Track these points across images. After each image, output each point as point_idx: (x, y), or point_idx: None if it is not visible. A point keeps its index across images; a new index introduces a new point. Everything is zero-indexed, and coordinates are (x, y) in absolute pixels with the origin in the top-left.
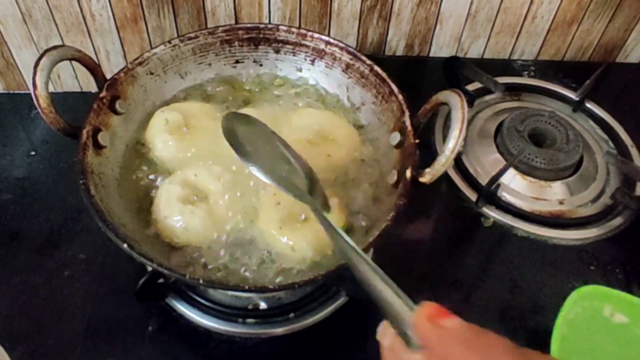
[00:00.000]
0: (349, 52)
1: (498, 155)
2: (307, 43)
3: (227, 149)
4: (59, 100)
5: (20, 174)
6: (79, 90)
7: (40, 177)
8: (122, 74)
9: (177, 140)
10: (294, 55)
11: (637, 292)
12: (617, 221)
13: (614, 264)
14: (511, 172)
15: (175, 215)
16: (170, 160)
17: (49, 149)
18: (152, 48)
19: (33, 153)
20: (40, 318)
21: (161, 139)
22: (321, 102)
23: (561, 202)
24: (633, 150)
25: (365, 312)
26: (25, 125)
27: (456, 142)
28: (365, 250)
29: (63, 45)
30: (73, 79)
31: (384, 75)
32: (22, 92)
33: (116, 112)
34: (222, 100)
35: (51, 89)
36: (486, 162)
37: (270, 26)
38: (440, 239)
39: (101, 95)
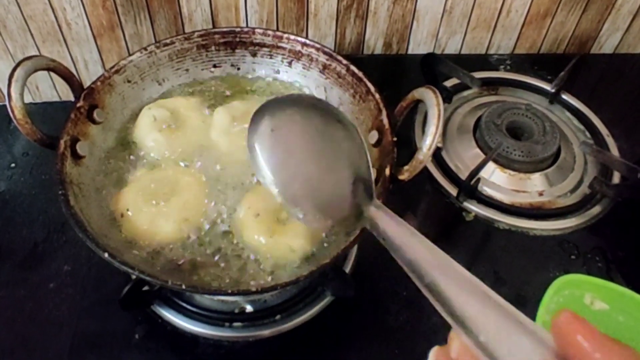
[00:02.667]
0: (325, 53)
1: (477, 150)
2: (284, 45)
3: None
4: (39, 110)
5: (1, 187)
6: (58, 99)
7: (21, 190)
8: (98, 83)
9: (166, 137)
10: (270, 58)
11: (617, 279)
12: (596, 210)
13: (593, 252)
14: (490, 165)
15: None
16: (160, 158)
17: (29, 161)
18: (128, 55)
19: (13, 165)
20: (26, 332)
21: (151, 138)
22: None
23: (541, 194)
24: (609, 139)
25: (351, 311)
26: (4, 137)
27: (433, 138)
28: (347, 248)
29: (37, 56)
30: (52, 89)
31: (360, 74)
32: None
33: (94, 122)
34: (207, 96)
35: (30, 100)
36: (466, 157)
37: (246, 30)
38: (423, 234)
39: (78, 104)
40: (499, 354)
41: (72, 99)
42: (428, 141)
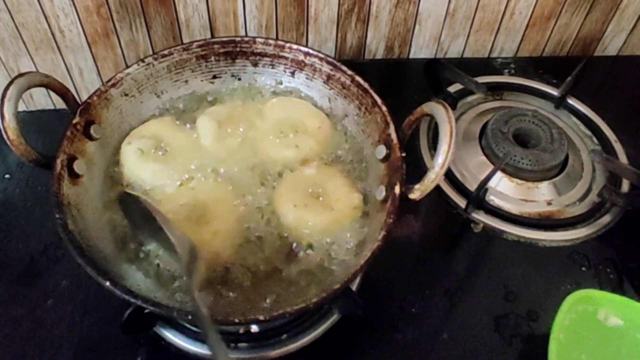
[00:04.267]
0: (328, 63)
1: (484, 158)
2: (286, 54)
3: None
4: (33, 120)
5: None
6: (52, 107)
7: (16, 202)
8: (95, 98)
9: (161, 163)
10: (272, 68)
11: (628, 291)
12: (606, 219)
13: (605, 263)
14: (498, 174)
15: None
16: (163, 184)
17: (24, 172)
18: (125, 68)
19: (8, 176)
20: (25, 350)
21: (147, 170)
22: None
23: (549, 203)
24: (617, 145)
25: (359, 330)
26: None
27: (445, 157)
28: (358, 272)
29: (30, 72)
30: (46, 97)
31: (366, 85)
32: None
33: (91, 138)
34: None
35: (24, 108)
36: (472, 165)
37: (246, 39)
38: (431, 247)
39: (74, 121)
40: None
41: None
42: (440, 160)
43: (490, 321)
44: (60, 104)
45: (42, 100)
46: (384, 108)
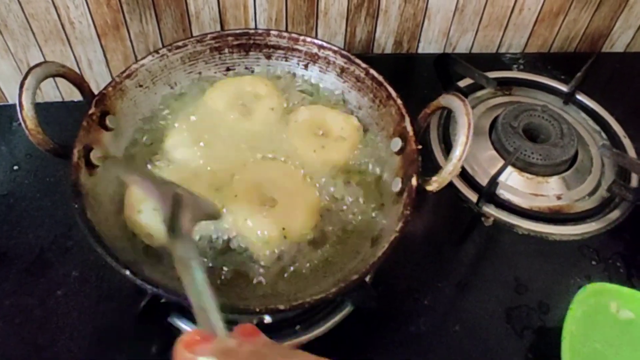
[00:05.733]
0: (342, 56)
1: (494, 152)
2: (300, 47)
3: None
4: (41, 112)
5: (4, 190)
6: (60, 100)
7: (25, 193)
8: (110, 89)
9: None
10: (286, 61)
11: (638, 285)
12: (615, 214)
13: (614, 257)
14: (508, 169)
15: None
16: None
17: (33, 163)
18: (139, 59)
19: (16, 167)
20: (36, 340)
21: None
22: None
23: (559, 197)
24: (626, 140)
25: (372, 321)
26: (6, 138)
27: (463, 149)
28: (376, 263)
29: (47, 62)
30: (54, 89)
31: (380, 78)
32: (0, 104)
33: (107, 128)
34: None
35: None
36: (482, 159)
37: (260, 31)
38: (442, 240)
39: (90, 111)
40: None
41: (75, 99)
42: (458, 152)
43: (502, 313)
44: (68, 96)
45: (50, 92)
46: (399, 101)
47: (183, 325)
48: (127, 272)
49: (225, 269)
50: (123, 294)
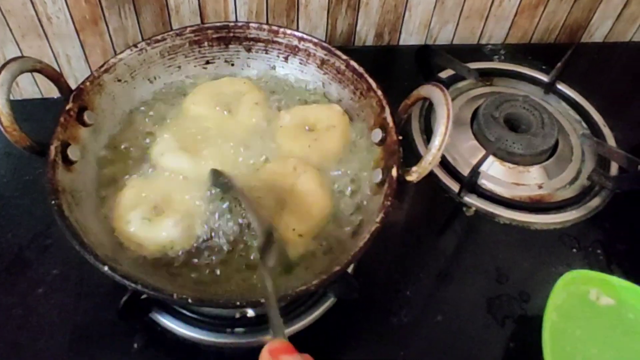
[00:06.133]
0: (323, 48)
1: (475, 142)
2: (280, 40)
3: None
4: (19, 108)
5: None
6: (39, 96)
7: (3, 192)
8: (87, 83)
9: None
10: (266, 53)
11: (617, 272)
12: (595, 202)
13: (594, 245)
14: (489, 159)
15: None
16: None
17: (11, 162)
18: (117, 53)
19: None
20: (17, 339)
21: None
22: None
23: (540, 186)
24: (605, 129)
25: (355, 312)
26: None
27: (442, 139)
28: (357, 254)
29: (22, 57)
30: (33, 86)
31: (361, 70)
32: None
33: (85, 124)
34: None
35: (10, 97)
36: (463, 150)
37: (240, 24)
38: (424, 231)
39: (67, 107)
40: None
41: (55, 95)
42: (437, 142)
43: (483, 303)
44: (47, 92)
45: (28, 88)
46: (379, 92)
47: (164, 320)
48: (106, 268)
49: None
50: (104, 290)
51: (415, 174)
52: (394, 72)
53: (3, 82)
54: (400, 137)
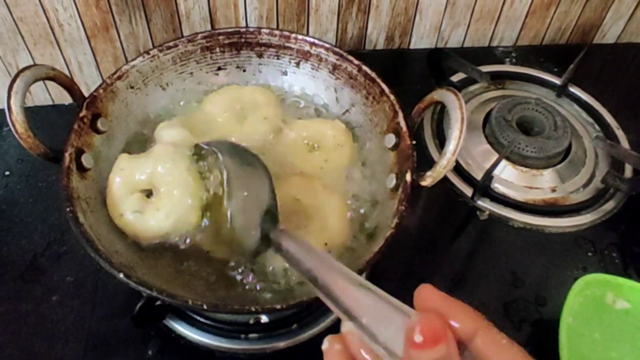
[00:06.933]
0: (335, 53)
1: (488, 146)
2: (291, 45)
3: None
4: (31, 115)
5: None
6: (51, 103)
7: (18, 199)
8: (101, 91)
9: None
10: (277, 59)
11: (633, 275)
12: (610, 205)
13: (610, 248)
14: (502, 162)
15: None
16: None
17: (25, 168)
18: (129, 60)
19: (8, 173)
20: (31, 347)
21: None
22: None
23: (553, 190)
24: (619, 132)
25: None
26: None
27: (457, 143)
28: (372, 260)
29: (36, 65)
30: (44, 92)
31: (373, 75)
32: None
33: (98, 131)
34: None
35: None
36: (476, 154)
37: (251, 29)
38: (438, 235)
39: (81, 114)
40: (378, 331)
41: (66, 102)
42: (452, 146)
43: (500, 307)
44: (59, 99)
45: (40, 95)
46: (392, 97)
47: (178, 327)
48: (121, 275)
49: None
50: (119, 297)
51: (429, 179)
52: (406, 76)
53: (17, 90)
54: (414, 142)
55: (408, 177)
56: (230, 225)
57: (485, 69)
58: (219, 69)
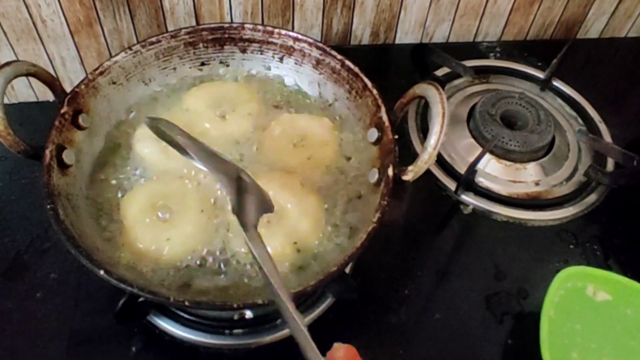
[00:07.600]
0: (318, 48)
1: (472, 140)
2: (275, 40)
3: None
4: (15, 112)
5: None
6: (35, 100)
7: (0, 196)
8: (82, 86)
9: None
10: (261, 54)
11: (615, 267)
12: (592, 198)
13: (592, 241)
14: (486, 156)
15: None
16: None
17: (7, 165)
18: (112, 56)
19: None
20: (15, 345)
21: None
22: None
23: (537, 183)
24: (601, 125)
25: (353, 313)
26: None
27: (438, 138)
28: (354, 255)
29: (16, 61)
30: (28, 89)
31: (356, 69)
32: None
33: (80, 127)
34: None
35: (5, 101)
36: (460, 148)
37: (235, 25)
38: (421, 229)
39: (62, 110)
40: None
41: (50, 98)
42: (433, 141)
43: (482, 300)
44: (42, 96)
45: (23, 91)
46: (374, 91)
47: (162, 323)
48: (102, 272)
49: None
50: (102, 294)
51: (411, 173)
52: (390, 71)
53: None
54: (397, 137)
55: (390, 171)
56: None
57: (470, 63)
58: (203, 64)
